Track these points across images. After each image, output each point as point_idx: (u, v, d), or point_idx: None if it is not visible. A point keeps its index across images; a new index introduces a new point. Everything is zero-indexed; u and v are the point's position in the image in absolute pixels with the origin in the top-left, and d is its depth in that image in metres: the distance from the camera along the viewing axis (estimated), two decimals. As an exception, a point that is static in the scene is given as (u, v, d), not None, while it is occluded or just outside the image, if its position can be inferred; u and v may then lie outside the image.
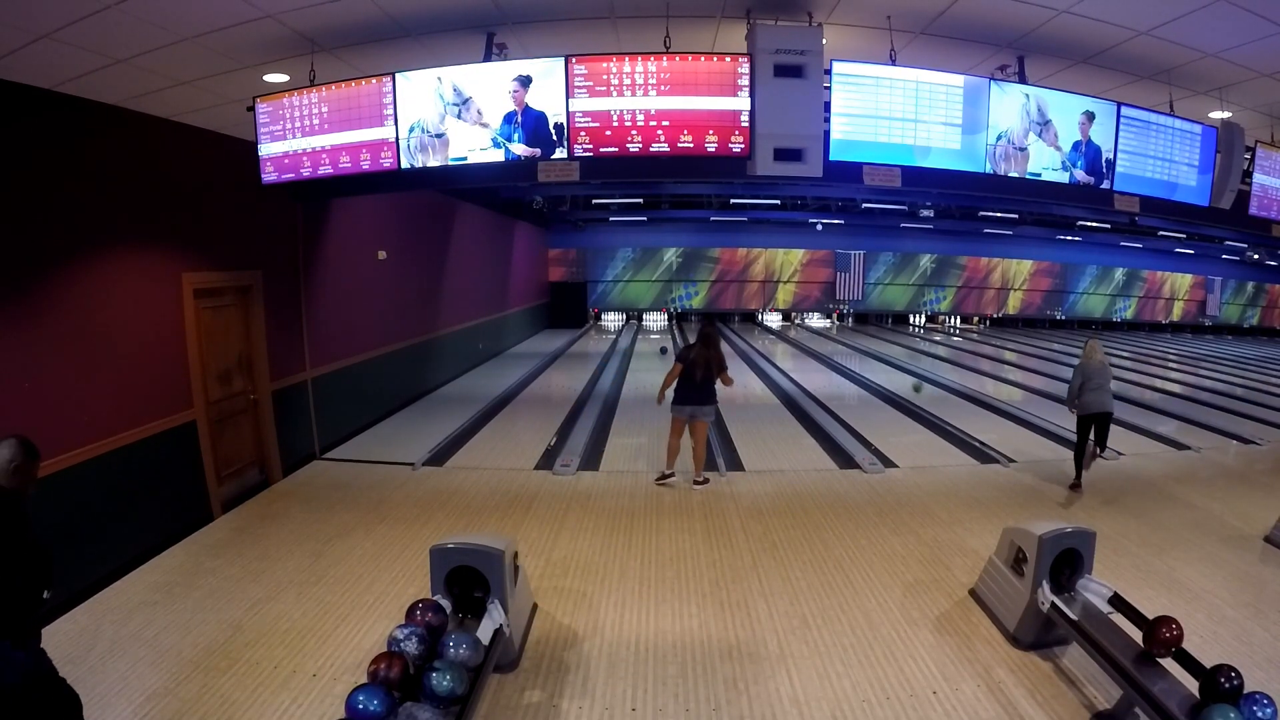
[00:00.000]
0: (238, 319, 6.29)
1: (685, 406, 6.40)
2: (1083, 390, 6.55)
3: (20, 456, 2.66)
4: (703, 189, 15.58)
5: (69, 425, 4.39)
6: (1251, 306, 26.45)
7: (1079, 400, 6.58)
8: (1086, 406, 6.53)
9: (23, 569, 2.57)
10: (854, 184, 4.79)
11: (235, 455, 6.17)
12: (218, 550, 5.13)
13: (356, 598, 4.42)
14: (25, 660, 2.58)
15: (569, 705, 3.42)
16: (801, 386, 11.65)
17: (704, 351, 6.36)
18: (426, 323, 10.91)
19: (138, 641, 3.88)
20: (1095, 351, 6.68)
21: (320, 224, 7.56)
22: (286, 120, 4.86)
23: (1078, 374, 6.66)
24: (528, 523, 5.68)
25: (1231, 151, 5.38)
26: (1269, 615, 4.20)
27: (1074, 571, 3.83)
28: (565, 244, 22.36)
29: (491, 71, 4.45)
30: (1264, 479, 7.05)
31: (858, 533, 5.48)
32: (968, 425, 8.87)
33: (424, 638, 2.98)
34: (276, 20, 3.98)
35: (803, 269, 23.60)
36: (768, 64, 4.18)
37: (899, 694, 3.47)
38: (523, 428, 8.98)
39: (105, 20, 3.54)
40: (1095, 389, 6.51)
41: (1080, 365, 6.69)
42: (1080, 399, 6.57)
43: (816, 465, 7.31)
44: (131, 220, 5.03)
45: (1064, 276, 24.76)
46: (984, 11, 4.17)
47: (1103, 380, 6.56)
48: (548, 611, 4.29)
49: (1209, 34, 4.18)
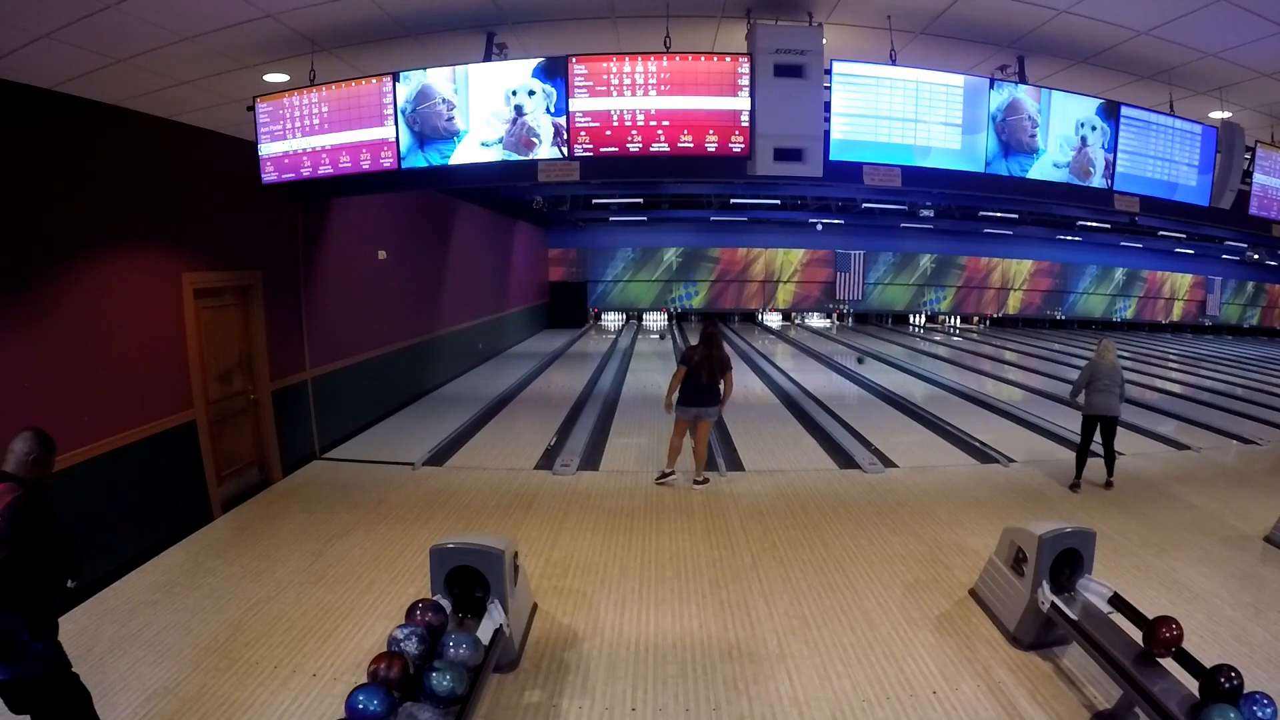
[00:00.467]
0: (238, 319, 6.29)
1: (690, 408, 6.41)
2: (1089, 389, 6.50)
3: (38, 449, 2.70)
4: (703, 189, 15.57)
5: (69, 425, 4.38)
6: (1251, 306, 26.44)
7: (1084, 399, 6.54)
8: (1093, 406, 6.50)
9: (47, 560, 2.60)
10: (854, 184, 4.79)
11: (235, 455, 6.17)
12: (218, 550, 5.13)
13: (356, 598, 4.42)
14: (45, 652, 2.60)
15: (569, 705, 3.42)
16: (801, 386, 11.65)
17: (707, 352, 6.37)
18: (426, 322, 10.91)
19: (138, 641, 3.88)
20: (1108, 352, 6.60)
21: (320, 224, 7.56)
22: (287, 120, 4.86)
23: (1086, 371, 6.61)
24: (528, 523, 5.68)
25: (1231, 151, 5.38)
26: (1269, 615, 4.20)
27: (1074, 571, 3.83)
28: (565, 244, 22.35)
29: (493, 71, 4.46)
30: (1264, 479, 7.05)
31: (858, 533, 5.48)
32: (968, 425, 8.88)
33: (424, 638, 2.98)
34: (276, 20, 3.98)
35: (803, 269, 23.60)
36: (768, 64, 4.18)
37: (899, 694, 3.47)
38: (523, 428, 8.98)
39: (105, 20, 3.54)
40: (1103, 390, 6.45)
41: (1091, 363, 6.63)
42: (1086, 398, 6.52)
43: (816, 465, 7.31)
44: (132, 220, 5.03)
45: (1064, 276, 24.76)
46: (984, 11, 4.17)
47: (1112, 383, 6.48)
48: (548, 611, 4.29)
49: (1209, 34, 4.18)
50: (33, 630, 2.55)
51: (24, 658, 2.54)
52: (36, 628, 2.57)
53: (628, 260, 23.09)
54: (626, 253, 23.00)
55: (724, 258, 23.24)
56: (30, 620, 2.55)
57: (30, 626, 2.54)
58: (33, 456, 2.68)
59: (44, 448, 2.72)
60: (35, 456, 2.69)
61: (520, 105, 4.44)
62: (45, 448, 2.73)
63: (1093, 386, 6.49)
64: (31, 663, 2.56)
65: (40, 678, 2.61)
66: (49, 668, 2.63)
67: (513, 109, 4.45)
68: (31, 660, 2.56)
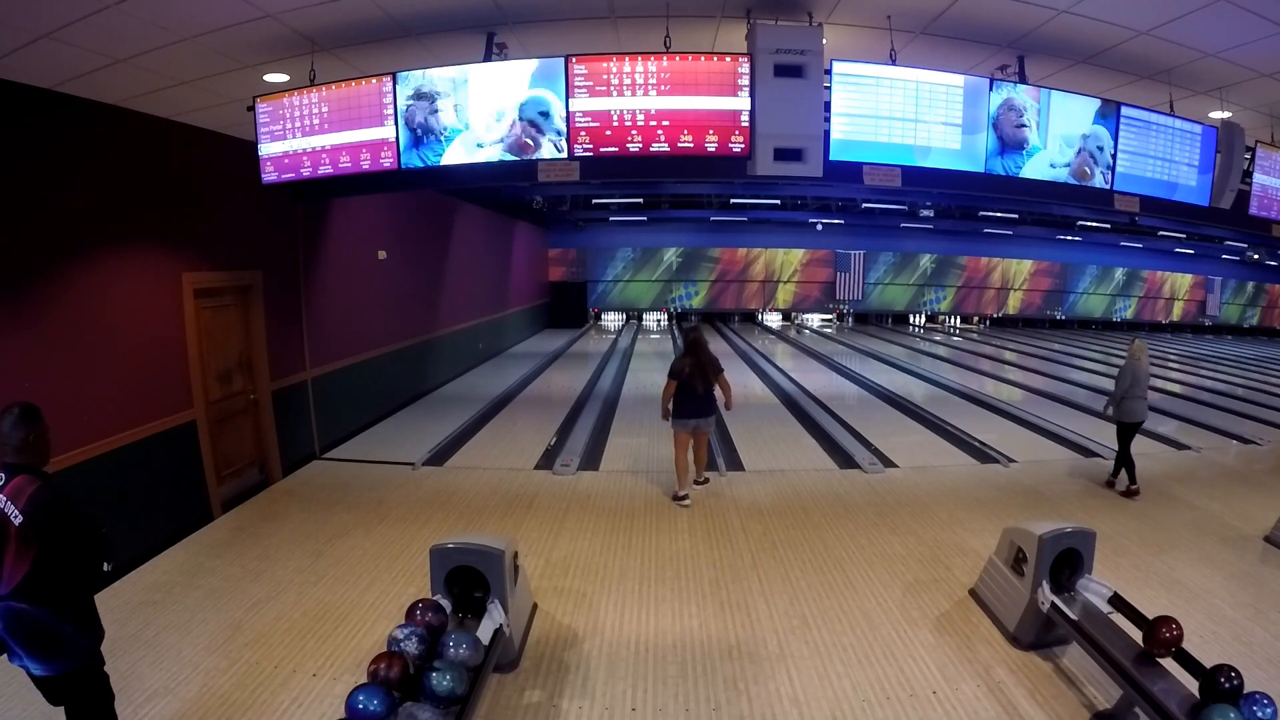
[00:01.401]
0: (238, 319, 6.29)
1: (689, 420, 6.07)
2: (1128, 395, 6.22)
3: (31, 428, 2.56)
4: (703, 189, 15.57)
5: (69, 425, 4.38)
6: (1251, 306, 26.44)
7: (1122, 406, 6.23)
8: (1134, 413, 6.24)
9: (79, 549, 2.53)
10: (854, 184, 4.79)
11: (235, 455, 6.17)
12: (218, 550, 5.13)
13: (356, 598, 4.42)
14: (87, 644, 2.58)
15: (569, 705, 3.42)
16: (801, 386, 11.65)
17: (695, 360, 6.00)
18: (426, 322, 10.91)
19: (137, 641, 3.88)
20: (1142, 354, 6.32)
21: (320, 224, 7.56)
22: (287, 120, 4.86)
23: (1125, 376, 6.25)
24: (528, 523, 5.68)
25: (1231, 151, 5.39)
26: (1269, 615, 4.20)
27: (1074, 571, 3.83)
28: (565, 244, 22.35)
29: (493, 72, 4.46)
30: (1264, 479, 7.04)
31: (858, 533, 5.48)
32: (968, 425, 8.87)
33: (424, 638, 2.98)
34: (276, 20, 3.98)
35: (803, 269, 23.59)
36: (768, 64, 4.18)
37: (899, 694, 3.47)
38: (523, 428, 8.98)
39: (105, 20, 3.54)
40: (1139, 396, 6.25)
41: (1129, 366, 6.29)
42: (1124, 404, 6.23)
43: (816, 465, 7.31)
44: (132, 220, 5.03)
45: (1064, 276, 24.75)
46: (984, 11, 4.17)
47: (1144, 386, 6.29)
48: (548, 611, 4.29)
49: (1209, 34, 4.19)
50: (75, 624, 2.52)
51: (66, 652, 2.52)
52: (79, 621, 2.54)
53: (628, 260, 23.09)
54: (626, 253, 23.00)
55: (724, 258, 23.24)
56: (71, 613, 2.51)
57: (72, 621, 2.51)
58: (31, 437, 2.55)
59: (35, 424, 2.58)
60: (34, 436, 2.56)
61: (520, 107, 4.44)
62: (36, 422, 2.58)
63: (1132, 391, 6.21)
64: (73, 656, 2.54)
65: (81, 670, 2.59)
66: (89, 658, 2.61)
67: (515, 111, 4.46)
68: (73, 654, 2.53)
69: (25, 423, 2.55)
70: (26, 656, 2.49)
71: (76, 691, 2.63)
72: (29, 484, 2.48)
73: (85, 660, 2.59)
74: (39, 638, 2.46)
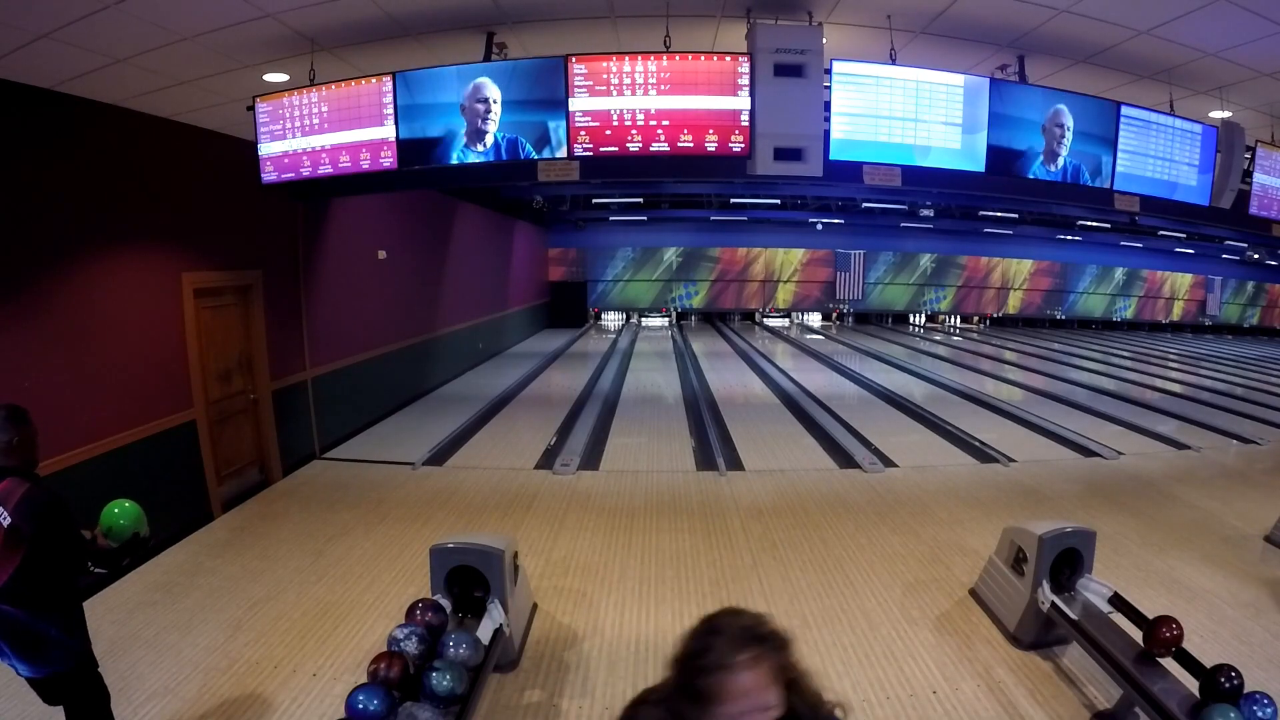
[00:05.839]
0: (238, 319, 6.29)
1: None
2: None
3: (16, 431, 2.50)
4: (703, 188, 15.58)
5: (69, 425, 4.39)
6: (1251, 306, 26.41)
7: None
8: None
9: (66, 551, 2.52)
10: (854, 183, 4.78)
11: (235, 455, 6.17)
12: (218, 550, 5.13)
13: (356, 597, 4.42)
14: (75, 645, 2.59)
15: (569, 705, 3.42)
16: (801, 386, 11.65)
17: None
18: (426, 322, 10.91)
19: (137, 641, 3.88)
20: None
21: (320, 224, 7.56)
22: (286, 120, 4.86)
23: None
24: (528, 522, 5.68)
25: (1232, 151, 5.38)
26: (1269, 615, 4.20)
27: (1074, 571, 3.83)
28: (565, 243, 22.33)
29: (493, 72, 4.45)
30: (1264, 479, 7.04)
31: (858, 532, 5.48)
32: (968, 425, 8.87)
33: (424, 637, 2.98)
34: (276, 20, 3.98)
35: (803, 268, 23.57)
36: (768, 63, 4.18)
37: (899, 694, 3.47)
38: (523, 427, 8.97)
39: (105, 20, 3.54)
40: None
41: None
42: None
43: (816, 465, 7.31)
44: (131, 220, 5.03)
45: (1064, 276, 24.73)
46: (984, 11, 4.17)
47: None
48: (548, 611, 4.28)
49: (1209, 34, 4.18)
50: (61, 626, 2.52)
51: (54, 655, 2.52)
52: (66, 624, 2.54)
53: (628, 260, 23.06)
54: (626, 252, 22.98)
55: (724, 257, 23.22)
56: (57, 616, 2.52)
57: (58, 623, 2.52)
58: (16, 440, 2.50)
59: (22, 426, 2.52)
60: (19, 439, 2.51)
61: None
62: (22, 424, 2.52)
63: None
64: (62, 659, 2.54)
65: (72, 671, 2.59)
66: (80, 659, 2.61)
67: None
68: (62, 656, 2.54)
69: (11, 424, 2.51)
70: (14, 657, 2.50)
71: (69, 693, 2.64)
72: (18, 486, 2.46)
73: (75, 663, 2.59)
74: (23, 639, 2.47)
